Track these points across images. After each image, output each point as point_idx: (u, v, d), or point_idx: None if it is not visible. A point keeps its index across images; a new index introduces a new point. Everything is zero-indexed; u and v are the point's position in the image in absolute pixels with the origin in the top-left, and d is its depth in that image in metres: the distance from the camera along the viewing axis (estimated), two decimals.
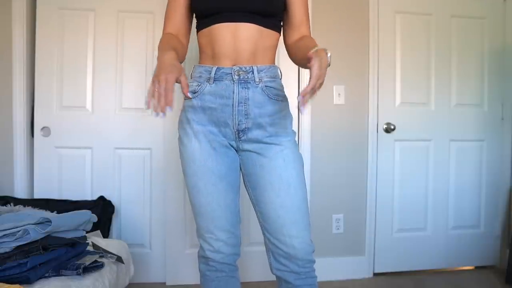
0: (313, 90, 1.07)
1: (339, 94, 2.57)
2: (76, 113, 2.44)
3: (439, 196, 2.71)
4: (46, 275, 1.37)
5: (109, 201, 2.38)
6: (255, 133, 1.27)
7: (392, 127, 2.63)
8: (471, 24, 2.72)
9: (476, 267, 2.79)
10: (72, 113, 2.43)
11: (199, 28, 1.33)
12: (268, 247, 1.30)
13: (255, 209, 1.32)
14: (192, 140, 1.28)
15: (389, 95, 2.64)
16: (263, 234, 1.31)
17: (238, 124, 1.26)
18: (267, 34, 1.29)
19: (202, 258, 1.35)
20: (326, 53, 1.13)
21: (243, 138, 1.28)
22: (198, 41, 1.34)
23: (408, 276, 2.64)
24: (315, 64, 1.07)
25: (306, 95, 1.06)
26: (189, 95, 1.27)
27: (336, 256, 2.60)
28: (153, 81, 1.09)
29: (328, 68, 1.12)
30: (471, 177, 2.76)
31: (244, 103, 1.25)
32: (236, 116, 1.26)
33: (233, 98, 1.25)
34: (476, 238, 2.77)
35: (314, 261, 1.29)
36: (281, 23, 1.37)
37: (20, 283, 1.27)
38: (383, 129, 2.63)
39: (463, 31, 2.71)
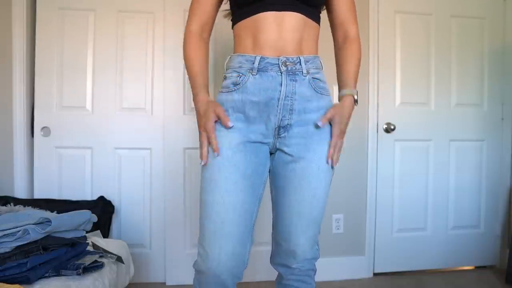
0: (336, 148, 1.23)
1: None
2: (76, 113, 2.43)
3: (439, 196, 2.71)
4: (46, 275, 1.37)
5: (109, 201, 2.38)
6: (297, 131, 1.20)
7: (392, 127, 2.63)
8: (471, 24, 2.72)
9: (476, 267, 2.79)
10: (72, 113, 2.43)
11: (237, 19, 1.22)
12: (272, 241, 1.31)
13: (272, 207, 1.28)
14: (223, 131, 1.17)
15: (389, 95, 2.64)
16: (272, 228, 1.30)
17: (281, 120, 1.18)
18: (311, 25, 1.21)
19: (197, 271, 1.23)
20: (354, 98, 1.23)
21: (283, 135, 1.20)
22: (235, 34, 1.24)
23: (408, 276, 2.64)
24: (335, 125, 1.21)
25: (332, 158, 1.22)
26: (231, 87, 1.19)
27: (336, 256, 2.60)
28: (200, 132, 1.19)
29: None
30: (471, 177, 2.76)
31: (291, 97, 1.17)
32: (281, 111, 1.17)
33: (280, 91, 1.16)
34: (476, 238, 2.77)
35: (314, 270, 1.29)
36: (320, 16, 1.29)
37: (20, 283, 1.27)
38: (383, 129, 2.63)
39: (463, 31, 2.71)
